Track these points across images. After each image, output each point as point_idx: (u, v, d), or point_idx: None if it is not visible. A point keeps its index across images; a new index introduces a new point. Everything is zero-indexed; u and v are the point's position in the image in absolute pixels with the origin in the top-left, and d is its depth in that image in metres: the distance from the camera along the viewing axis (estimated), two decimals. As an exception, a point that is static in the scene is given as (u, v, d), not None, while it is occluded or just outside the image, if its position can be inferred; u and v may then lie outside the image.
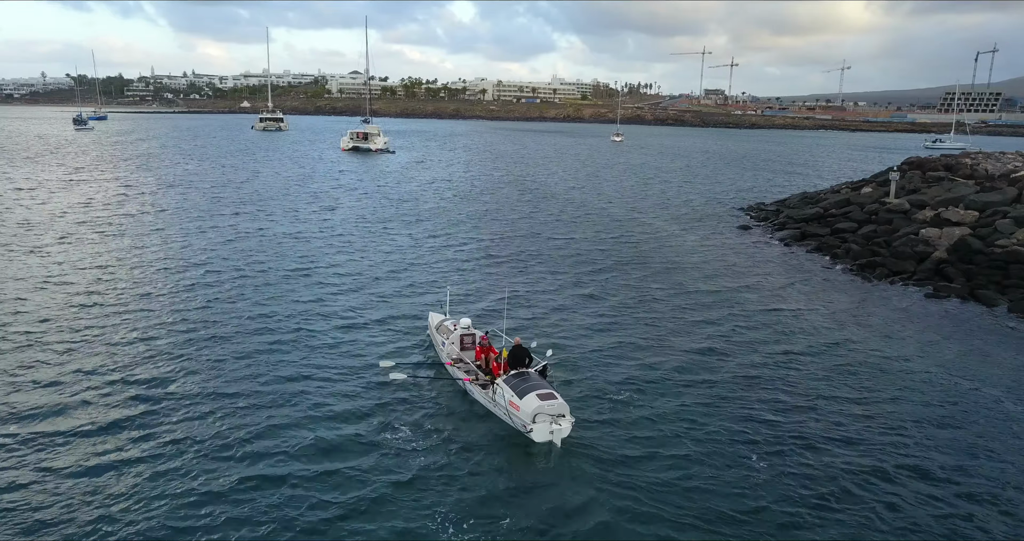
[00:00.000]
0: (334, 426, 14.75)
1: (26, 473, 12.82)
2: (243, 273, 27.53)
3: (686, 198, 55.69)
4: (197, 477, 12.78)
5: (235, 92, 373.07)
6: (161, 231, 35.32)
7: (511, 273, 29.11)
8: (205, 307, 22.88)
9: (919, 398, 17.38)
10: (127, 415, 15.11)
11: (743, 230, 41.47)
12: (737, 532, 11.75)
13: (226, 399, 15.98)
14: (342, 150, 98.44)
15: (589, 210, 47.64)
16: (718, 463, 13.89)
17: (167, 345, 19.31)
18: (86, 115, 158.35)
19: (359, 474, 12.95)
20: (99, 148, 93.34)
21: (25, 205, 42.69)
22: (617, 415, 15.69)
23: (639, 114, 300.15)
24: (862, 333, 22.39)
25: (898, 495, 12.99)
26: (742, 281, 28.82)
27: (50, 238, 32.89)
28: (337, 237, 35.41)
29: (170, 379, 17.05)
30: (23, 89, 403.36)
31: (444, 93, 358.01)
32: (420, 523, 11.60)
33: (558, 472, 13.20)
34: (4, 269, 26.93)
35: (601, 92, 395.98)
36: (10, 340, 19.26)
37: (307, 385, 16.83)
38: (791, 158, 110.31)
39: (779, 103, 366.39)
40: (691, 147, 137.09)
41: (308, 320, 21.79)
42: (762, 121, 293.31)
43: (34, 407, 15.34)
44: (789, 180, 73.27)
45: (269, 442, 14.05)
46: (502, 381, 14.94)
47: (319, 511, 11.85)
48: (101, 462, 13.23)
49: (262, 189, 53.53)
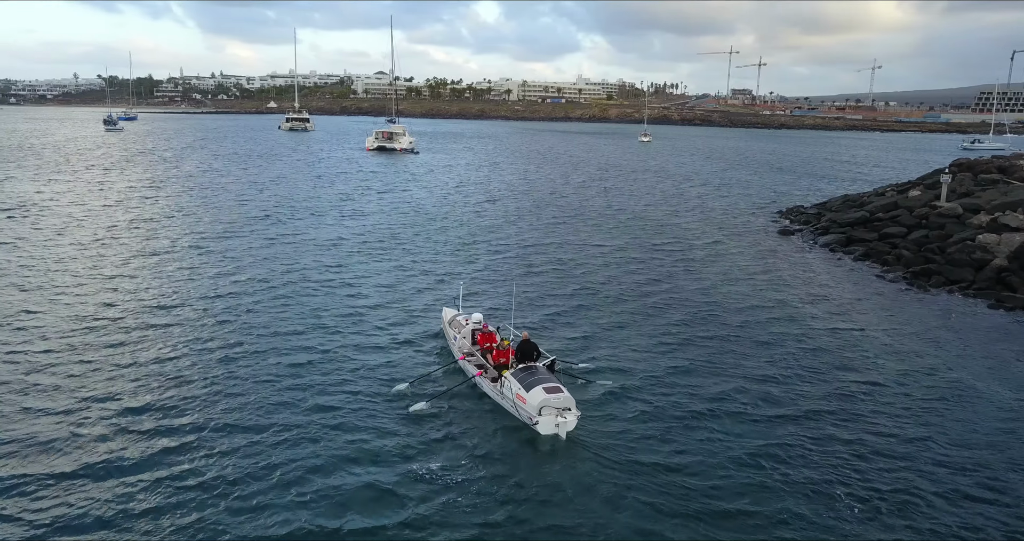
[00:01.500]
0: (346, 418, 15.02)
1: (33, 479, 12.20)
2: (262, 270, 27.39)
3: (721, 200, 54.03)
4: (209, 465, 12.98)
5: (262, 92, 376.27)
6: (187, 234, 34.64)
7: (528, 271, 27.90)
8: (220, 296, 22.71)
9: (995, 426, 15.83)
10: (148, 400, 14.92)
11: (784, 235, 39.80)
12: (738, 530, 11.59)
13: (238, 391, 16.25)
14: (367, 150, 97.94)
15: (621, 213, 46.23)
16: (727, 465, 13.64)
17: (179, 334, 18.90)
18: (116, 116, 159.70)
19: (367, 464, 13.21)
20: (127, 150, 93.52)
21: (52, 210, 42.22)
22: (628, 413, 15.70)
23: (666, 114, 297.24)
24: (923, 346, 20.81)
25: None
26: (787, 287, 27.30)
27: (75, 242, 32.30)
28: (358, 235, 34.50)
29: (177, 369, 17.26)
30: (56, 90, 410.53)
31: (469, 93, 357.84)
32: (424, 510, 11.80)
33: (562, 464, 13.39)
34: (25, 274, 26.27)
35: (627, 92, 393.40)
36: (27, 346, 18.47)
37: (319, 376, 17.21)
38: (824, 159, 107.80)
39: (808, 103, 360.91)
40: (721, 148, 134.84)
41: (325, 310, 22.47)
42: (791, 121, 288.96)
43: (45, 412, 14.57)
44: (825, 182, 71.18)
45: (283, 433, 14.27)
46: (510, 374, 15.19)
47: (327, 498, 12.06)
48: (111, 476, 12.68)
49: (288, 191, 52.82)
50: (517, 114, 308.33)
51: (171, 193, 49.50)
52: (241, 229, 36.25)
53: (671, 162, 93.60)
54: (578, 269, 29.72)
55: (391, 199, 49.72)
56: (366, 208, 45.17)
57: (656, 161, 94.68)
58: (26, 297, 23.09)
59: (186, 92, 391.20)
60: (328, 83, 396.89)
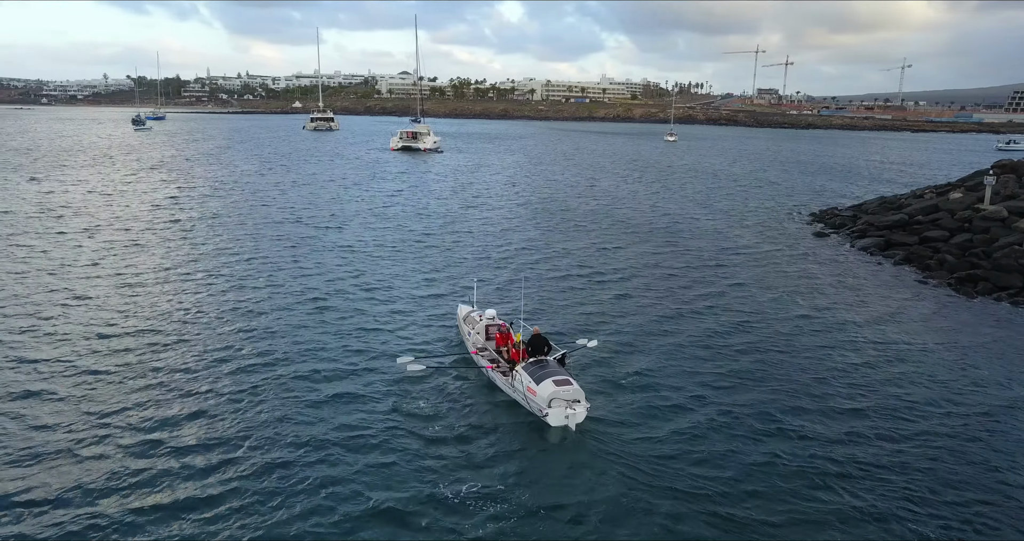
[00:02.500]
0: (363, 411, 15.42)
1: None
2: (282, 267, 27.78)
3: (752, 202, 52.91)
4: (225, 453, 13.53)
5: (287, 92, 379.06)
6: (212, 231, 34.50)
7: (551, 269, 27.24)
8: (237, 289, 22.98)
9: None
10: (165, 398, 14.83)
11: (819, 237, 38.74)
12: (740, 528, 11.60)
13: (254, 385, 16.68)
14: (391, 149, 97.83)
15: (651, 214, 45.39)
16: (739, 466, 13.61)
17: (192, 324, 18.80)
18: (144, 115, 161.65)
19: (383, 453, 13.59)
20: (154, 150, 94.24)
21: (81, 209, 42.33)
22: (640, 407, 15.87)
23: (691, 114, 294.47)
24: (973, 357, 19.85)
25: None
26: (824, 292, 26.38)
27: (100, 242, 32.25)
28: (379, 234, 34.09)
29: (191, 362, 17.53)
30: (86, 90, 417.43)
31: (493, 93, 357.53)
32: (434, 498, 12.14)
33: (571, 455, 13.62)
34: (51, 276, 26.13)
35: (651, 92, 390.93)
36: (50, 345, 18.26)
37: (334, 367, 17.76)
38: (855, 160, 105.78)
39: (835, 103, 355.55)
40: (749, 148, 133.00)
41: (344, 302, 23.45)
42: (819, 121, 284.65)
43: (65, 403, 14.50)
44: (858, 183, 69.63)
45: (299, 425, 14.68)
46: (521, 368, 15.52)
47: (341, 485, 12.46)
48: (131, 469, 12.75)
49: (311, 191, 52.63)
50: (541, 114, 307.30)
51: (196, 194, 49.50)
52: (263, 228, 36.05)
53: (699, 162, 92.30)
54: (606, 270, 29.00)
55: (413, 198, 49.30)
56: (388, 208, 44.77)
57: (684, 161, 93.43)
58: (50, 297, 22.99)
59: (213, 92, 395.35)
60: (352, 83, 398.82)
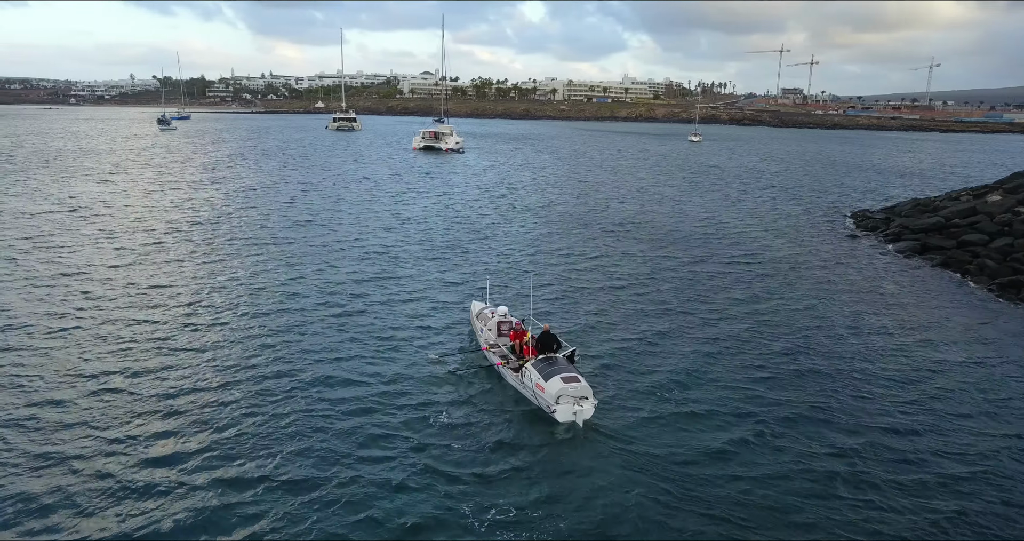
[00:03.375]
0: (374, 403, 15.77)
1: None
2: (303, 264, 27.87)
3: (781, 203, 51.84)
4: (245, 446, 13.86)
5: (310, 93, 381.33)
6: (240, 228, 34.31)
7: (571, 270, 26.60)
8: (253, 284, 23.01)
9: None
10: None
11: (851, 240, 37.72)
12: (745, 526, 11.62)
13: (271, 374, 17.30)
14: (413, 149, 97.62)
15: (678, 216, 44.57)
16: (747, 467, 13.63)
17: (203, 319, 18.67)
18: (169, 115, 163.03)
19: (393, 446, 13.84)
20: (180, 150, 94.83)
21: (104, 210, 42.41)
22: (649, 406, 15.93)
23: (714, 114, 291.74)
24: (1020, 368, 18.98)
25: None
26: (859, 296, 25.51)
27: (122, 242, 32.17)
28: (397, 233, 33.82)
29: (206, 362, 17.57)
30: (113, 90, 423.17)
31: (514, 93, 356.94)
32: (444, 489, 12.41)
33: (578, 451, 13.84)
34: (74, 278, 26.00)
35: (674, 91, 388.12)
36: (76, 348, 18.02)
37: (351, 362, 18.19)
38: (884, 161, 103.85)
39: (861, 102, 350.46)
40: (775, 148, 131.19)
41: (361, 300, 23.94)
42: (845, 121, 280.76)
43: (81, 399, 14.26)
44: (889, 184, 68.17)
45: (316, 418, 15.00)
46: (530, 364, 15.73)
47: (353, 479, 12.64)
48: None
49: (334, 191, 52.43)
50: (562, 114, 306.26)
51: (219, 195, 49.46)
52: (285, 227, 35.82)
53: (725, 163, 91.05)
54: (631, 272, 28.33)
55: (433, 198, 48.89)
56: (408, 208, 44.38)
57: (710, 162, 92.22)
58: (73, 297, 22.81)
59: (237, 92, 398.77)
60: (375, 83, 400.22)
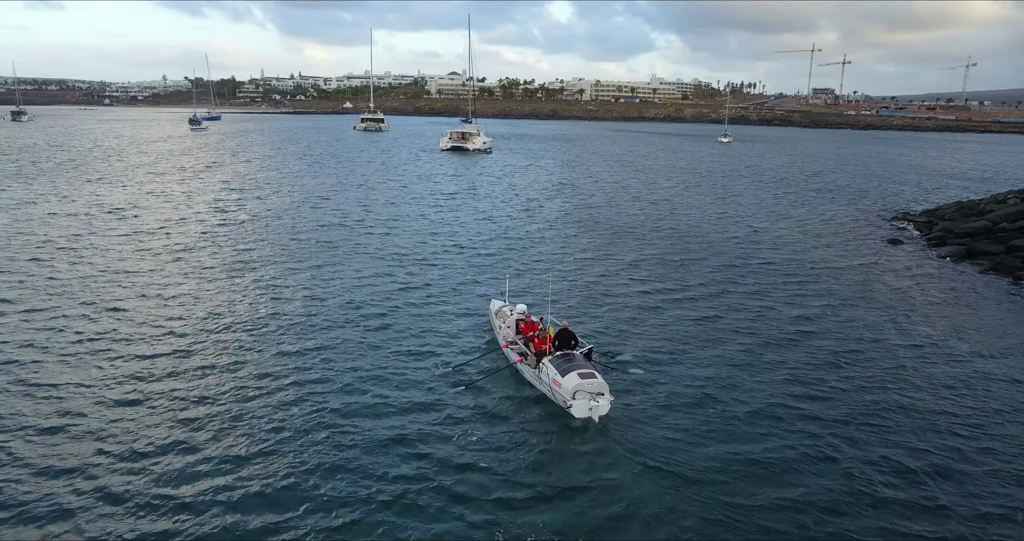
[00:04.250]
0: (396, 396, 16.04)
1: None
2: (327, 263, 28.20)
3: (817, 206, 50.38)
4: (264, 443, 13.94)
5: (338, 93, 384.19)
6: (269, 227, 33.97)
7: (605, 272, 25.68)
8: (274, 284, 22.73)
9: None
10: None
11: (893, 244, 36.30)
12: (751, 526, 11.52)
13: (290, 376, 17.26)
14: (440, 150, 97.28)
15: (712, 218, 43.43)
16: (764, 468, 13.48)
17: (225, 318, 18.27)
18: (200, 116, 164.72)
19: (411, 441, 13.95)
20: (210, 150, 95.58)
21: (134, 211, 42.42)
22: (667, 406, 15.89)
23: (743, 114, 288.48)
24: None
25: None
26: (904, 304, 24.27)
27: (151, 243, 31.99)
28: (421, 232, 33.34)
29: (235, 359, 17.40)
30: (146, 91, 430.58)
31: (541, 93, 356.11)
32: (460, 481, 12.56)
33: (592, 446, 13.94)
34: (104, 279, 25.74)
35: (702, 92, 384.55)
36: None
37: (373, 357, 18.40)
38: (921, 162, 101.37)
39: (895, 103, 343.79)
40: (808, 150, 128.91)
41: (385, 298, 24.10)
42: (878, 122, 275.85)
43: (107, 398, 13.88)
44: (927, 187, 66.22)
45: (334, 413, 15.12)
46: (548, 360, 15.87)
47: (370, 473, 12.81)
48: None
49: (360, 193, 52.07)
50: (590, 114, 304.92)
51: (247, 195, 49.36)
52: (312, 229, 35.44)
53: (758, 164, 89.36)
54: (661, 277, 27.36)
55: (460, 200, 48.23)
56: (434, 209, 43.78)
57: (741, 163, 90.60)
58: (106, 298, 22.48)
59: (266, 93, 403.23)
60: (402, 84, 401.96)
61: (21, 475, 12.38)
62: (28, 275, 25.21)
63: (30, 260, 27.43)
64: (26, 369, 16.91)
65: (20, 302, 21.99)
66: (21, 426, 14.11)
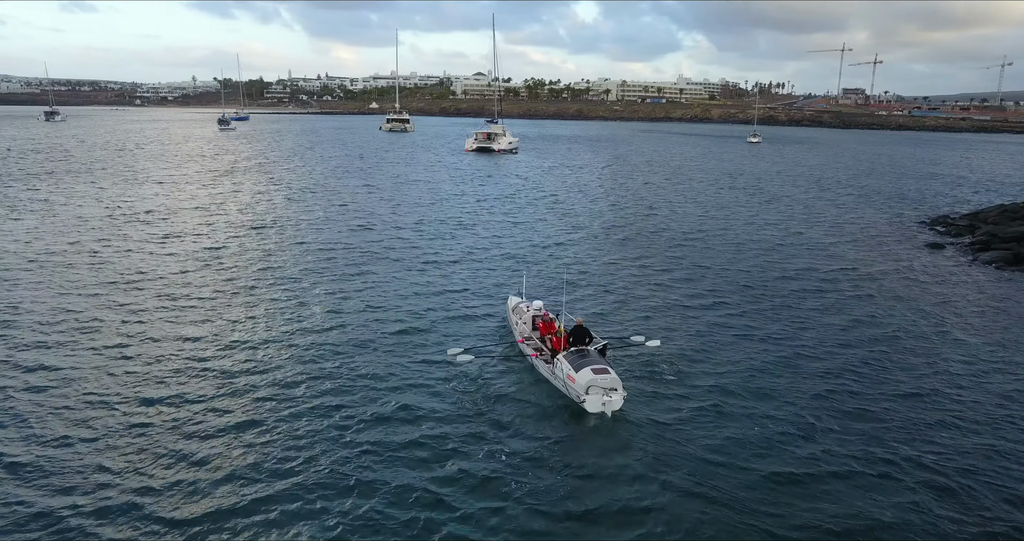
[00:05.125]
0: (412, 389, 16.40)
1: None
2: (352, 263, 28.34)
3: (855, 209, 49.02)
4: (279, 436, 14.24)
5: (364, 94, 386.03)
6: (297, 226, 33.69)
7: (637, 278, 24.89)
8: (289, 278, 22.67)
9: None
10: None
11: (934, 249, 35.01)
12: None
13: (309, 371, 17.66)
14: (466, 150, 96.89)
15: (745, 223, 42.41)
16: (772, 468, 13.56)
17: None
18: (228, 116, 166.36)
19: (428, 432, 14.25)
20: (237, 151, 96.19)
21: (162, 212, 42.42)
22: (680, 401, 15.95)
23: (772, 114, 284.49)
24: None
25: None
26: (948, 312, 23.18)
27: (184, 242, 31.78)
28: (444, 232, 32.96)
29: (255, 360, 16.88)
30: (176, 92, 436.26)
31: (567, 94, 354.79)
32: (471, 472, 12.78)
33: (604, 440, 14.10)
34: (125, 279, 25.52)
35: (730, 92, 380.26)
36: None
37: (393, 353, 18.80)
38: (957, 163, 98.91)
39: (927, 103, 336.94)
40: (840, 151, 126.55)
41: (407, 293, 24.79)
42: (910, 122, 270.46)
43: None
44: (966, 189, 64.35)
45: (352, 407, 15.41)
46: (562, 356, 16.06)
47: (389, 454, 13.32)
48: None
49: (385, 193, 51.71)
50: (616, 114, 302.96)
51: (274, 196, 49.28)
52: (337, 231, 35.19)
53: (789, 165, 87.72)
54: (689, 277, 26.53)
55: (487, 202, 47.65)
56: (458, 210, 43.26)
57: (772, 164, 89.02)
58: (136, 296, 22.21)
59: (293, 93, 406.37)
60: (428, 84, 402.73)
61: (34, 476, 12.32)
62: (57, 276, 25.12)
63: (57, 260, 27.38)
64: (45, 366, 16.83)
65: (37, 303, 21.83)
66: (26, 435, 13.91)
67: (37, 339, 18.86)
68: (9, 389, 15.84)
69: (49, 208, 40.14)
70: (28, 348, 18.22)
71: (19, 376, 16.56)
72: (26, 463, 12.76)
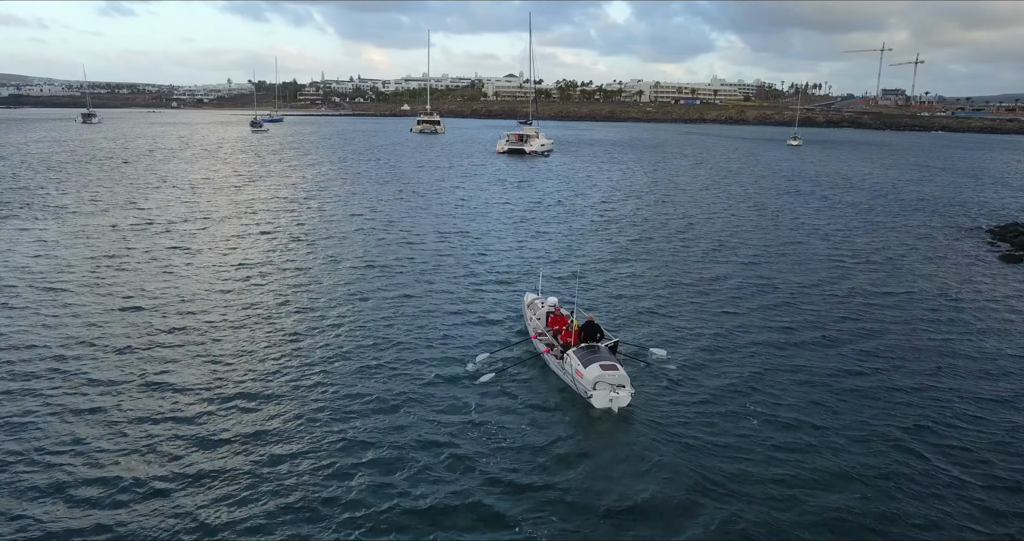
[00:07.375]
0: (428, 381, 16.60)
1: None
2: (377, 257, 28.26)
3: (909, 215, 45.98)
4: (288, 435, 14.04)
5: (396, 95, 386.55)
6: (321, 226, 32.01)
7: (699, 292, 22.54)
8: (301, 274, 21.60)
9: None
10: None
11: (1007, 261, 32.07)
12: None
13: (326, 368, 17.69)
14: (497, 152, 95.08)
15: (801, 232, 39.76)
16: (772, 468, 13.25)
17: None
18: (261, 118, 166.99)
19: (437, 424, 14.36)
20: (269, 153, 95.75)
21: (189, 214, 41.25)
22: (691, 402, 15.67)
23: (809, 116, 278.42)
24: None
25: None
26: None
27: (203, 242, 30.31)
28: (470, 231, 31.13)
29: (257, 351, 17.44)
30: (211, 94, 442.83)
31: (599, 95, 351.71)
32: (480, 465, 12.75)
33: (609, 436, 14.09)
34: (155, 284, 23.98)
35: (765, 93, 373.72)
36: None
37: (411, 344, 19.10)
38: (1013, 167, 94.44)
39: (970, 104, 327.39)
40: (884, 153, 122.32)
41: (429, 289, 25.21)
42: (954, 123, 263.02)
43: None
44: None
45: (368, 401, 15.47)
46: (572, 352, 16.06)
47: (392, 454, 13.18)
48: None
49: (415, 198, 50.03)
50: (649, 116, 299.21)
51: (305, 198, 47.81)
52: (364, 233, 33.49)
53: (835, 169, 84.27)
54: (731, 287, 24.13)
55: (513, 202, 45.57)
56: (487, 215, 41.26)
57: (817, 168, 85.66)
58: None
59: (326, 95, 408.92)
60: (459, 86, 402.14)
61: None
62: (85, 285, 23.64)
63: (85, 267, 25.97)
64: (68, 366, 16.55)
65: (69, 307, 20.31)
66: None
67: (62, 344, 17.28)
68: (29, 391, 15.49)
69: (62, 215, 39.06)
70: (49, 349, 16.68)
71: (36, 381, 15.77)
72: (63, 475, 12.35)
